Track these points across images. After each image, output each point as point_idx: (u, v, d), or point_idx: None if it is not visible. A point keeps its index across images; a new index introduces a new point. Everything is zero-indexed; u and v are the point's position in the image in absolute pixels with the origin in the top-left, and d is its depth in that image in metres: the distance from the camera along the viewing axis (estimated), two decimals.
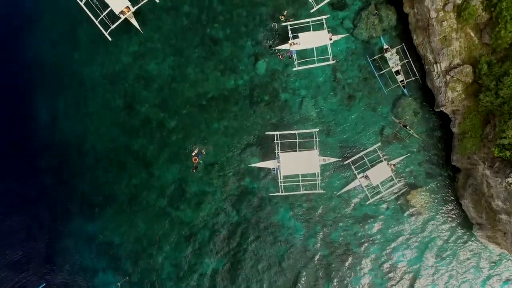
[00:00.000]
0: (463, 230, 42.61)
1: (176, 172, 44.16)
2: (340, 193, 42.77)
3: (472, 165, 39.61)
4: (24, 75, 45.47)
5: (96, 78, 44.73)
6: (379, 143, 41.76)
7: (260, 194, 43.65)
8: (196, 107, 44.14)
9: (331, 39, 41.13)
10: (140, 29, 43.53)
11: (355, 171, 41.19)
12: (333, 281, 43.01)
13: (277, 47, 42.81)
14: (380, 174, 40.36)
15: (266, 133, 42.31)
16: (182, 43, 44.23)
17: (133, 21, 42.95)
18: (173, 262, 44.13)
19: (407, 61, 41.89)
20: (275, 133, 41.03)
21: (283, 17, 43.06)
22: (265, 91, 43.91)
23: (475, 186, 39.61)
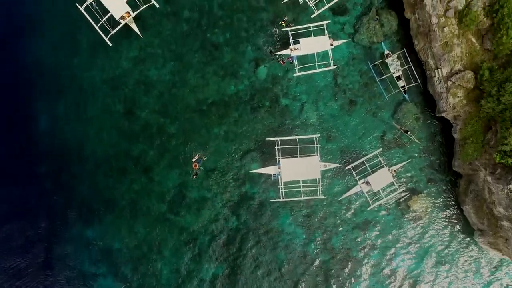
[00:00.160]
0: (464, 236, 42.46)
1: (176, 178, 44.01)
2: (341, 199, 42.63)
3: (474, 171, 39.48)
4: (24, 79, 45.29)
5: (96, 83, 44.57)
6: (380, 149, 41.65)
7: (260, 200, 43.50)
8: (196, 112, 43.99)
9: (332, 44, 40.97)
10: (140, 34, 43.38)
11: (356, 176, 41.04)
12: (332, 286, 42.87)
13: (278, 53, 42.64)
14: (381, 180, 40.20)
15: (266, 139, 42.14)
16: (183, 48, 44.08)
17: (133, 26, 42.81)
18: (173, 267, 43.98)
19: (408, 66, 41.75)
20: (275, 138, 40.88)
21: (283, 22, 42.95)
22: (266, 96, 43.78)
23: (477, 192, 39.47)
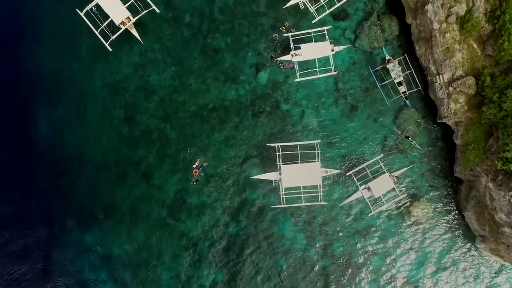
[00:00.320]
0: (465, 242, 42.29)
1: (177, 183, 43.90)
2: (342, 204, 42.50)
3: (475, 177, 39.35)
4: (24, 84, 45.24)
5: (97, 88, 44.48)
6: (381, 155, 41.50)
7: (261, 206, 43.36)
8: (197, 117, 43.87)
9: (333, 50, 40.86)
10: (140, 39, 43.29)
11: (357, 182, 40.91)
12: None
13: (278, 58, 42.55)
14: (382, 186, 40.07)
15: (267, 144, 42.01)
16: (183, 53, 43.97)
17: (134, 31, 42.70)
18: (173, 273, 43.85)
19: (409, 72, 41.63)
20: (276, 144, 40.74)
21: (284, 28, 42.83)
22: (267, 101, 43.66)
23: (478, 198, 39.33)
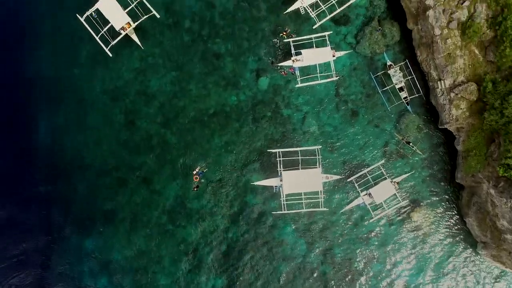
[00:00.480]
0: (467, 248, 42.25)
1: (177, 188, 43.74)
2: (343, 211, 42.39)
3: (477, 183, 39.24)
4: (24, 89, 44.93)
5: (97, 94, 44.25)
6: (382, 160, 41.41)
7: (261, 211, 43.24)
8: (197, 123, 43.72)
9: (334, 55, 40.74)
10: (141, 44, 43.11)
11: (359, 188, 40.83)
12: None
13: (279, 64, 42.42)
14: (383, 192, 40.02)
15: (268, 150, 41.92)
16: (184, 58, 43.78)
17: (134, 37, 42.54)
18: (172, 279, 43.65)
19: (410, 77, 41.53)
20: (277, 150, 40.62)
21: (285, 34, 42.70)
22: (267, 107, 43.52)
23: (480, 205, 39.24)
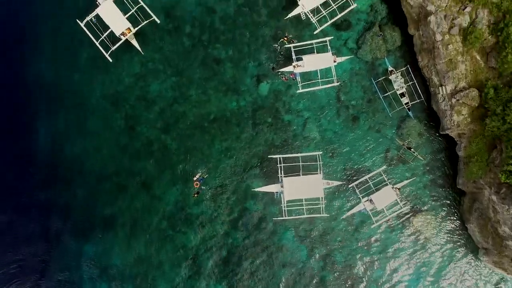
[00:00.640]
0: (468, 254, 42.06)
1: (178, 194, 43.61)
2: (344, 217, 42.25)
3: (478, 189, 39.11)
4: (23, 95, 44.91)
5: (97, 99, 44.16)
6: (384, 166, 41.26)
7: (262, 217, 43.10)
8: (197, 128, 43.59)
9: (335, 61, 40.58)
10: (141, 50, 42.97)
11: (360, 195, 40.65)
12: None
13: (280, 70, 42.30)
14: (385, 198, 39.85)
15: (269, 156, 41.80)
16: (184, 63, 43.66)
17: (134, 42, 42.43)
18: (173, 284, 43.47)
19: (412, 83, 41.42)
20: (278, 156, 40.47)
21: (285, 39, 42.56)
22: (268, 112, 43.38)
23: (481, 211, 39.10)
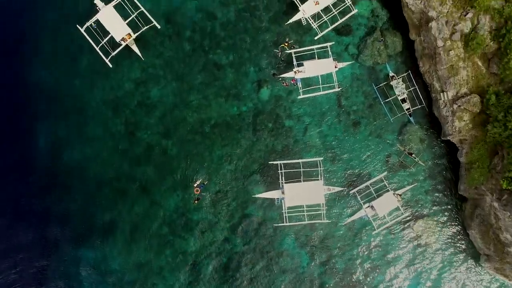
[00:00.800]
0: (469, 260, 41.89)
1: (178, 200, 43.45)
2: (346, 223, 42.12)
3: (480, 195, 38.97)
4: (23, 100, 44.81)
5: (97, 104, 44.08)
6: (385, 172, 41.15)
7: (263, 223, 42.92)
8: (198, 134, 43.48)
9: (336, 67, 40.49)
10: (141, 55, 42.87)
11: (361, 201, 40.54)
12: None
13: (281, 76, 42.21)
14: (386, 204, 39.71)
15: (269, 162, 41.69)
16: (185, 69, 43.59)
17: (134, 47, 42.33)
18: None
19: (413, 88, 41.32)
20: (278, 162, 40.37)
21: (286, 45, 42.48)
22: (269, 118, 43.27)
23: (483, 217, 38.95)
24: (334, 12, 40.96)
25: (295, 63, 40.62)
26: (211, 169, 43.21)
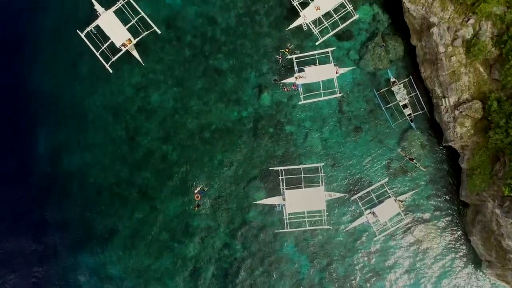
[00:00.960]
0: (471, 266, 41.75)
1: (179, 206, 43.22)
2: (347, 229, 41.93)
3: (481, 201, 38.83)
4: (23, 106, 44.62)
5: (98, 110, 43.88)
6: (386, 179, 41.01)
7: (264, 229, 42.70)
8: (199, 139, 43.29)
9: (337, 72, 40.37)
10: (141, 61, 42.71)
11: (362, 207, 40.38)
12: None
13: (282, 81, 42.07)
14: (387, 211, 39.58)
15: (270, 168, 41.52)
16: (185, 74, 43.43)
17: (135, 53, 42.17)
18: None
19: (414, 94, 41.20)
20: (279, 168, 40.21)
21: (287, 50, 42.36)
22: (270, 123, 43.11)
23: (484, 223, 38.80)
24: (335, 18, 40.86)
25: (296, 68, 40.51)
26: (212, 174, 43.02)
